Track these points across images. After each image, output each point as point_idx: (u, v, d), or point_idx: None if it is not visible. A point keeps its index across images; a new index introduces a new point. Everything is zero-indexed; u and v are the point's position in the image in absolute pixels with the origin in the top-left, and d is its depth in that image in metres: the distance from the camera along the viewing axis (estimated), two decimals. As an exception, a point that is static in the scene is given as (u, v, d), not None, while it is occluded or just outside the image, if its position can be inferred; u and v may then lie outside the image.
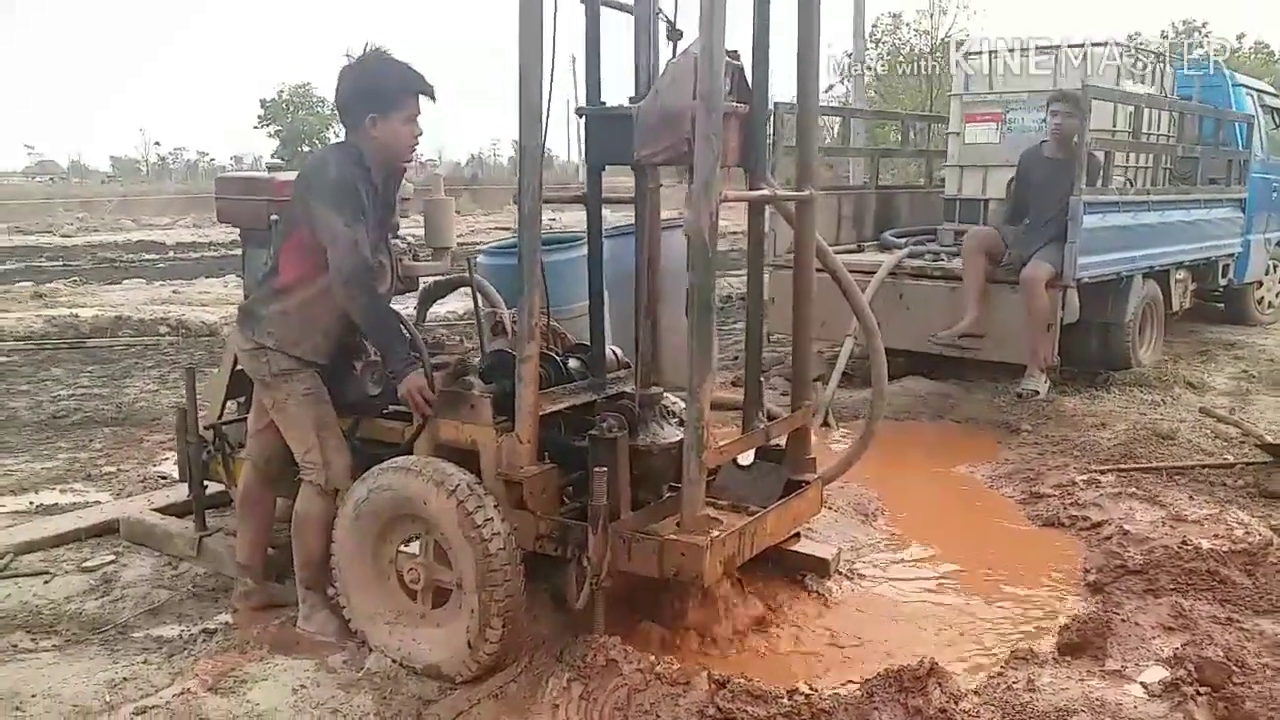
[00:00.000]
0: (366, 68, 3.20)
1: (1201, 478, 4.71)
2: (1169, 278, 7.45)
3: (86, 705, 2.90)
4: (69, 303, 11.15)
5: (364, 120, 3.13)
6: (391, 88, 3.15)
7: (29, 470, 5.31)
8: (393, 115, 3.14)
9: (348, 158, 3.16)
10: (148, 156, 57.64)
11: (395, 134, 3.17)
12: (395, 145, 3.20)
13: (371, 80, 3.16)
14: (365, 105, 3.13)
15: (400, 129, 3.17)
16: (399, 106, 3.15)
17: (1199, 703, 2.62)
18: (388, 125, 3.14)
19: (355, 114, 3.16)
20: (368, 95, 3.14)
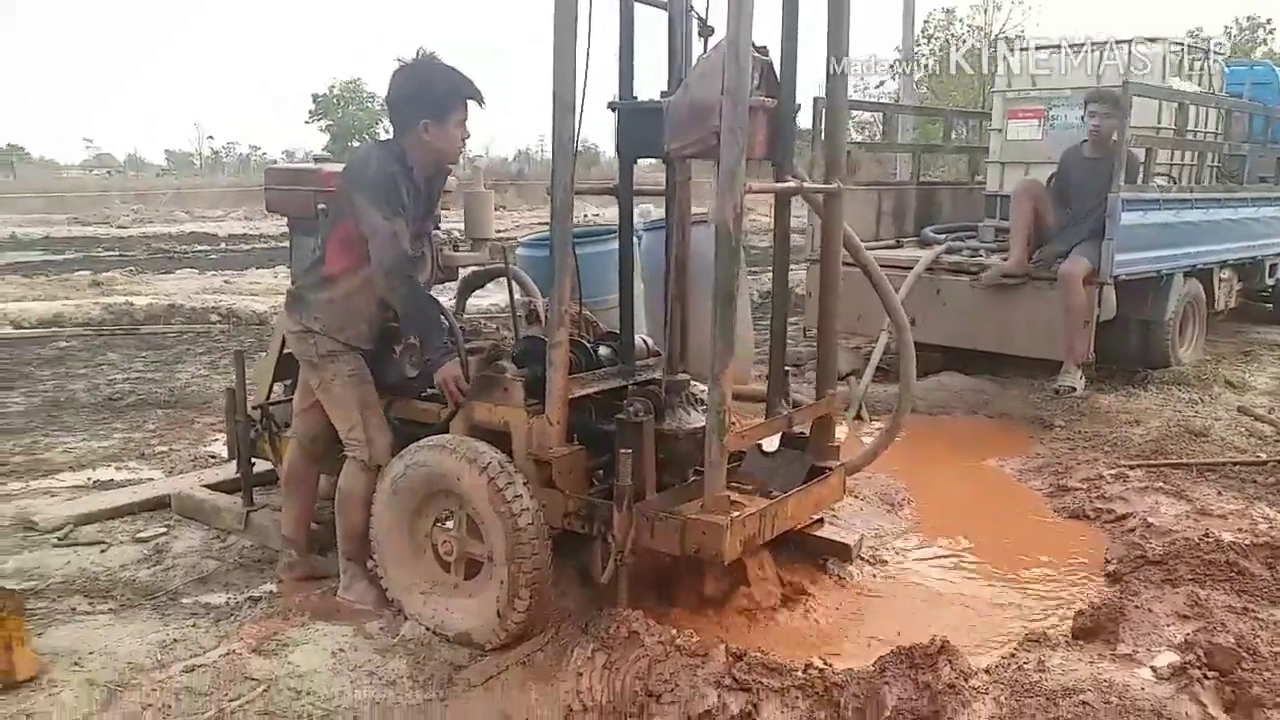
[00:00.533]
0: (419, 74, 3.36)
1: (1232, 474, 4.71)
2: (1212, 276, 7.39)
3: (139, 663, 3.07)
4: (125, 291, 11.52)
5: (417, 124, 3.27)
6: (444, 94, 3.28)
7: (87, 449, 5.55)
8: (446, 121, 3.28)
9: (389, 155, 3.31)
10: (201, 150, 58.83)
11: (447, 138, 3.31)
12: (446, 149, 3.36)
13: (425, 86, 3.30)
14: (419, 111, 3.27)
15: (452, 133, 3.31)
16: (451, 112, 3.29)
17: (1206, 686, 2.66)
18: (441, 130, 3.29)
19: (407, 117, 3.29)
20: (421, 101, 3.28)
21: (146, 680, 2.97)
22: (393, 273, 3.21)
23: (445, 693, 2.92)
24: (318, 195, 3.90)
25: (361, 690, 2.92)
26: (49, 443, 5.67)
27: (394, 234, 3.19)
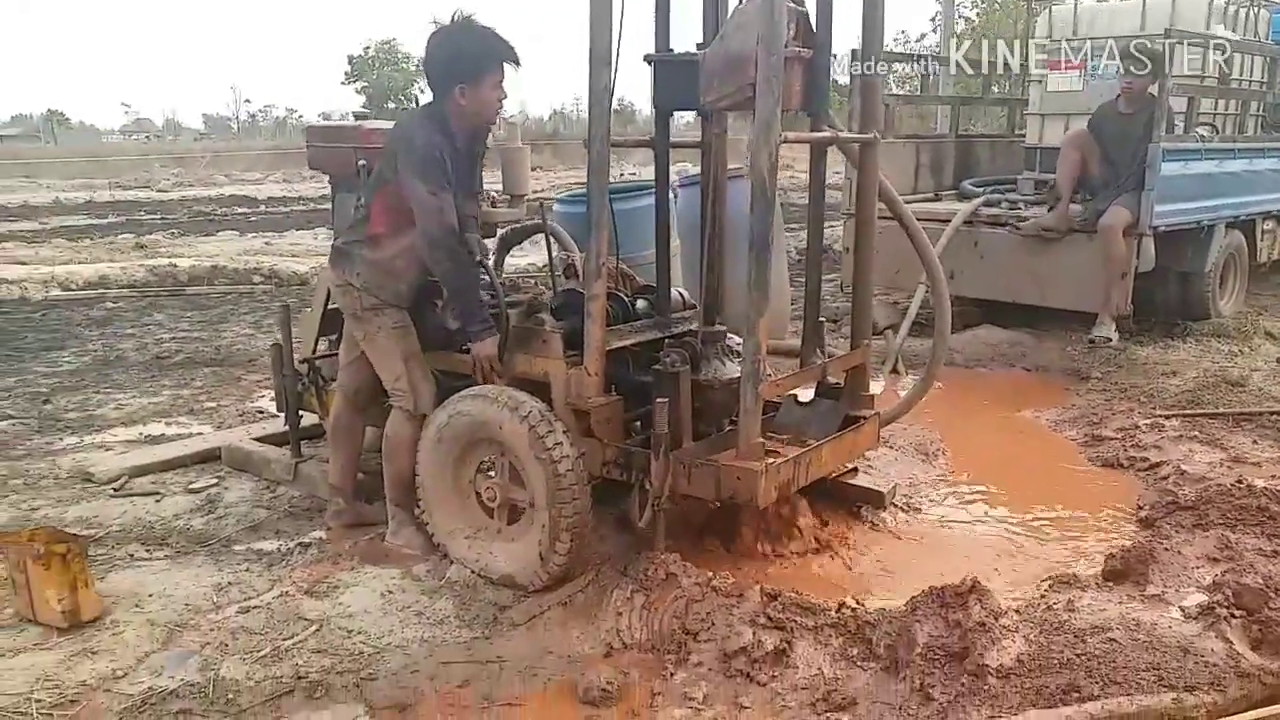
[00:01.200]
0: (454, 38, 3.36)
1: (1269, 424, 4.71)
2: (1255, 228, 7.31)
3: (197, 605, 3.23)
4: (168, 253, 11.72)
5: (453, 89, 3.31)
6: (479, 57, 3.31)
7: (137, 405, 5.72)
8: (481, 84, 3.31)
9: (433, 125, 3.34)
10: (238, 114, 59.27)
11: (483, 101, 3.35)
12: (483, 111, 3.39)
13: (460, 50, 3.33)
14: (454, 75, 3.30)
15: (487, 95, 3.34)
16: (486, 75, 3.32)
17: (1233, 625, 2.70)
18: (476, 94, 3.32)
19: (444, 83, 3.34)
20: (456, 65, 3.31)
21: (204, 620, 3.12)
22: (438, 245, 3.27)
23: (490, 631, 3.04)
24: (358, 152, 3.97)
25: (410, 629, 3.05)
26: (101, 399, 5.85)
27: (440, 209, 3.24)
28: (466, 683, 2.79)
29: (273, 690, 2.75)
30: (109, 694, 2.74)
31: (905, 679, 2.62)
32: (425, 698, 2.73)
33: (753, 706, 2.60)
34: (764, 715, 2.57)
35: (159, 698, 2.72)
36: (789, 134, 2.98)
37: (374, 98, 43.89)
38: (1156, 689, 2.43)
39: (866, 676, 2.68)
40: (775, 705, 2.60)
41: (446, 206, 3.26)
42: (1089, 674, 2.51)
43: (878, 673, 2.69)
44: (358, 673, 2.83)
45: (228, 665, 2.86)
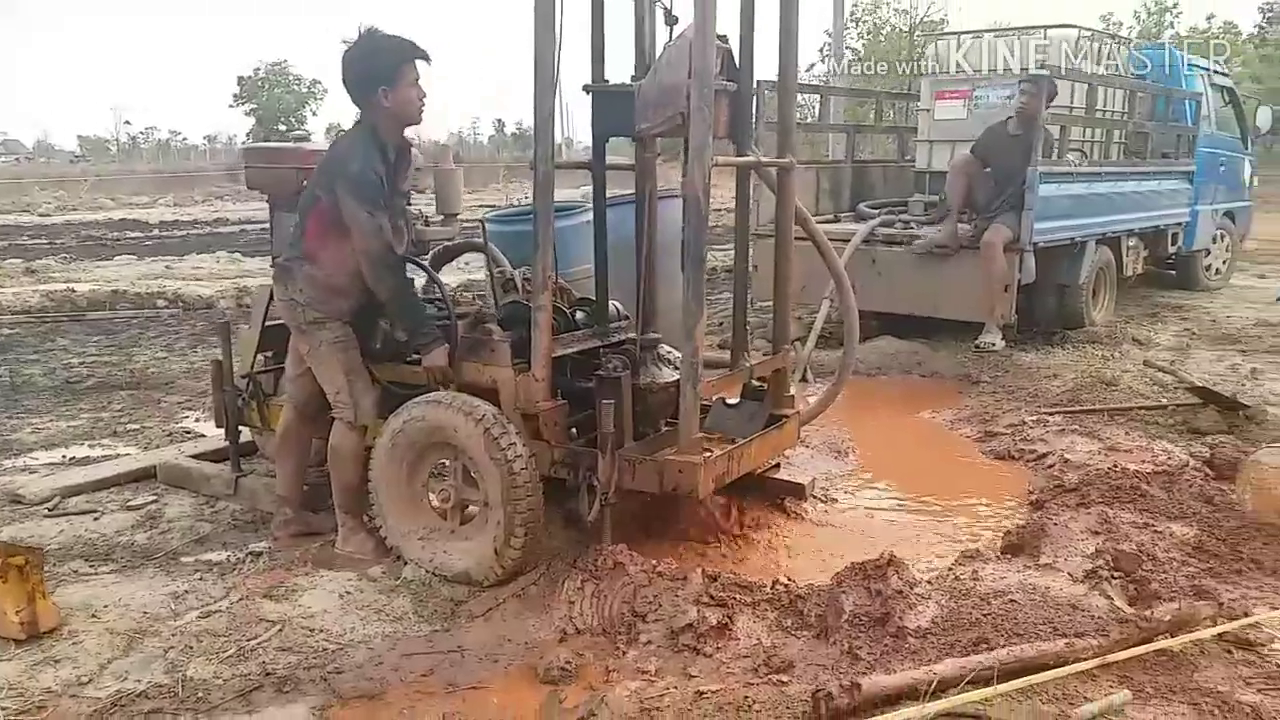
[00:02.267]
0: (366, 47, 3.54)
1: (1138, 418, 5.24)
2: (1121, 244, 7.98)
3: (155, 612, 3.30)
4: (63, 278, 11.42)
5: (376, 94, 3.49)
6: (393, 60, 3.50)
7: (56, 428, 5.67)
8: (399, 82, 3.50)
9: (366, 143, 3.51)
10: (118, 135, 57.17)
11: (405, 99, 3.53)
12: (407, 110, 3.56)
13: (373, 55, 3.52)
14: (374, 79, 3.48)
15: (408, 93, 3.53)
16: (403, 75, 3.50)
17: (1113, 585, 3.11)
18: (397, 93, 3.50)
19: (365, 90, 3.51)
20: (373, 70, 3.49)
21: (164, 627, 3.19)
22: (378, 264, 3.44)
23: (450, 624, 3.22)
24: (299, 174, 4.11)
25: (371, 626, 3.20)
26: (15, 424, 5.76)
27: (379, 228, 3.41)
28: (431, 671, 2.95)
29: (242, 686, 2.85)
30: (76, 699, 2.79)
31: (835, 643, 2.91)
32: (392, 686, 2.88)
33: (701, 675, 2.84)
34: (711, 682, 2.80)
35: (128, 699, 2.78)
36: (719, 159, 3.28)
37: (264, 119, 42.99)
38: (1052, 637, 2.78)
39: (801, 643, 2.97)
40: (721, 673, 2.85)
41: (385, 226, 3.44)
42: (995, 629, 2.85)
43: (810, 639, 2.98)
44: (324, 667, 2.96)
45: (194, 666, 2.94)
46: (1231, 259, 10.63)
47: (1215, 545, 3.52)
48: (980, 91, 7.87)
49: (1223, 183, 10.04)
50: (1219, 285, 10.29)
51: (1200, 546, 3.52)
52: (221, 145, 52.38)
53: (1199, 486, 4.04)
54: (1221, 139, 10.00)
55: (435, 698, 2.84)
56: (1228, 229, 10.42)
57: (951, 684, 2.55)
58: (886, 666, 2.74)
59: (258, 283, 10.07)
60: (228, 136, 52.79)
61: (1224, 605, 3.06)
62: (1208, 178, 9.52)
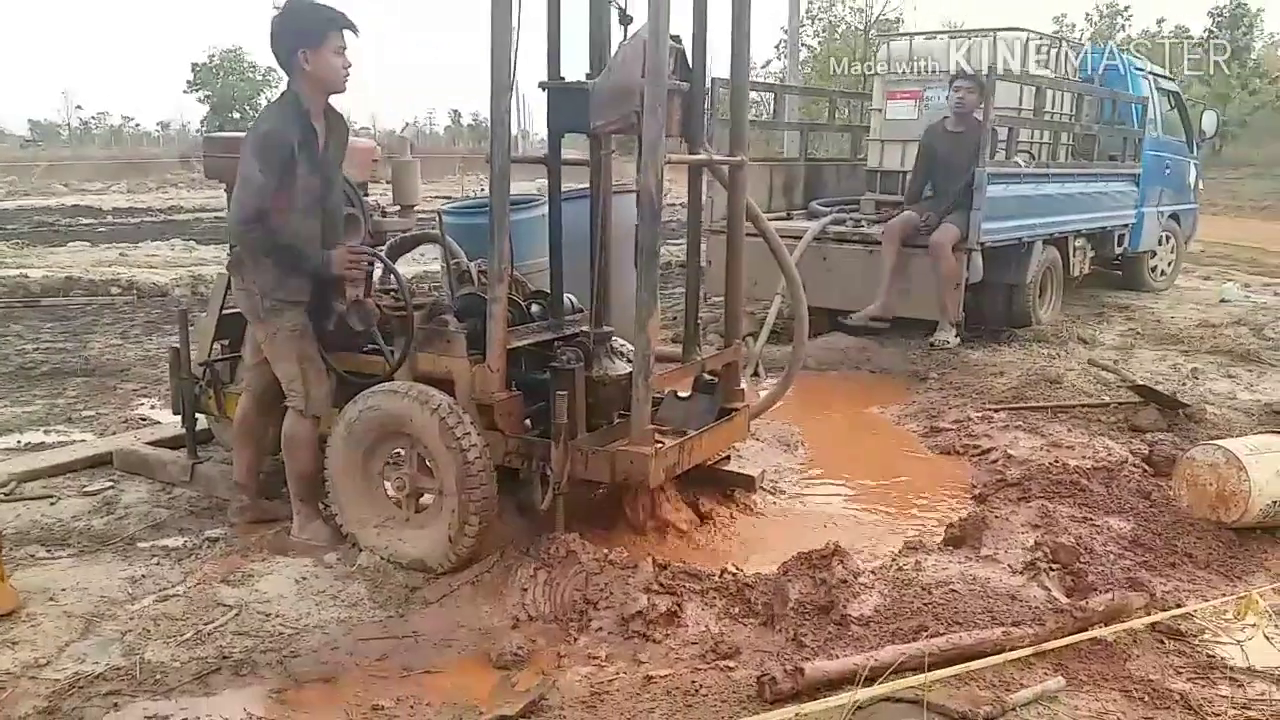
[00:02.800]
0: (292, 11, 3.58)
1: (1081, 415, 5.40)
2: (1068, 245, 8.17)
3: (112, 596, 3.34)
4: (15, 264, 11.25)
5: (297, 57, 3.51)
6: (317, 24, 3.52)
7: (10, 414, 5.63)
8: (322, 48, 3.50)
9: (286, 112, 3.54)
10: (70, 120, 55.98)
11: (327, 65, 3.53)
12: (329, 75, 3.57)
13: (298, 21, 3.54)
14: (296, 43, 3.51)
15: (331, 59, 3.54)
16: (326, 40, 3.51)
17: (1051, 576, 3.24)
18: (319, 58, 3.51)
19: (288, 54, 3.53)
20: (297, 34, 3.51)
21: (122, 610, 3.24)
22: (248, 221, 3.43)
23: (404, 610, 3.28)
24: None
25: (327, 611, 3.26)
26: (-33, 410, 5.73)
27: (260, 188, 3.39)
28: (385, 656, 3.01)
29: (199, 669, 2.90)
30: (34, 680, 2.83)
31: (781, 630, 3.01)
32: (347, 670, 2.93)
33: (650, 661, 2.92)
34: (660, 668, 2.89)
35: (87, 681, 2.82)
36: (672, 156, 3.37)
37: (218, 107, 42.32)
38: (990, 626, 2.90)
39: (748, 630, 3.06)
40: (670, 659, 2.93)
41: (266, 190, 3.40)
42: (935, 618, 2.97)
43: (757, 626, 3.07)
44: (280, 651, 3.01)
45: (152, 649, 2.99)
46: (1177, 261, 10.89)
47: (1151, 539, 3.67)
48: (931, 92, 8.01)
49: (1168, 185, 10.28)
50: (1164, 286, 10.54)
51: (1136, 540, 3.66)
52: (175, 132, 51.47)
53: (1137, 482, 4.19)
54: (1168, 142, 10.23)
55: (390, 681, 2.89)
56: (1173, 231, 10.67)
57: (891, 669, 2.66)
58: (830, 653, 2.84)
59: (212, 271, 10.02)
60: (182, 123, 51.87)
61: (1157, 597, 3.21)
62: (1154, 180, 9.75)
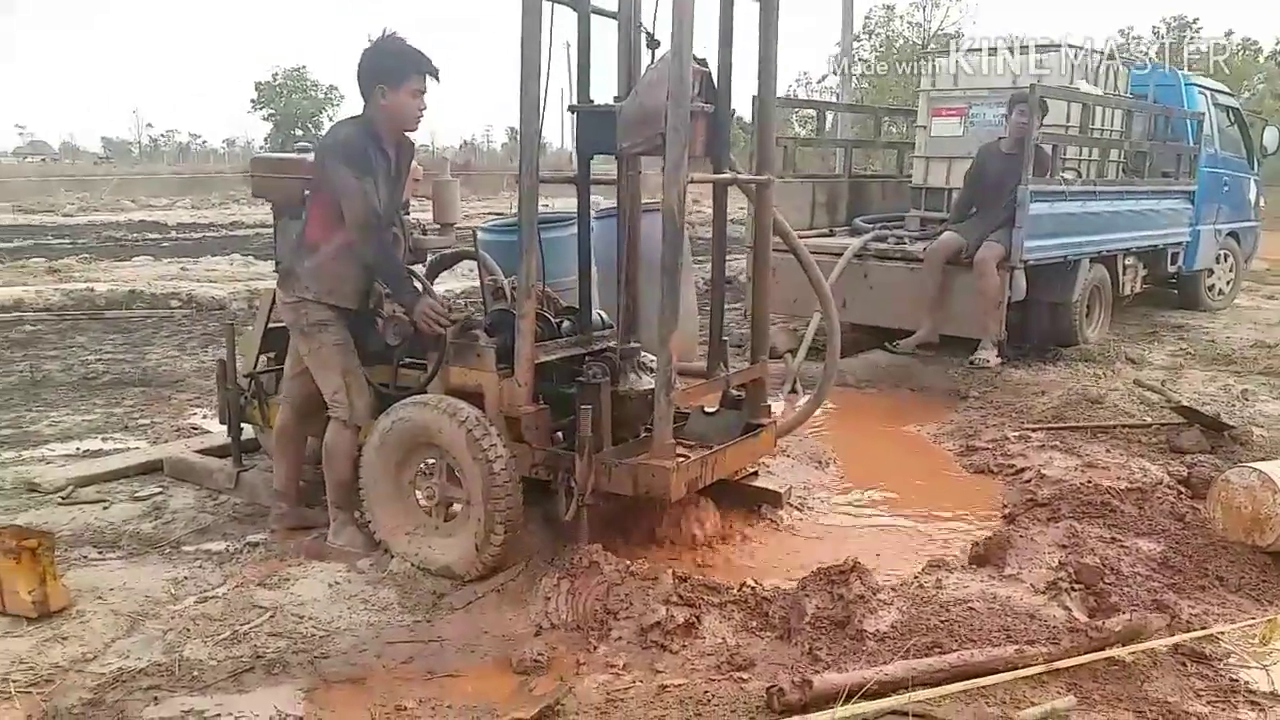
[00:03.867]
0: (381, 47, 3.75)
1: (1121, 435, 5.34)
2: (1117, 263, 8.05)
3: (156, 596, 3.49)
4: (83, 277, 11.67)
5: (375, 91, 3.69)
6: (400, 65, 3.69)
7: (71, 422, 5.88)
8: (400, 89, 3.68)
9: (358, 125, 3.73)
10: (140, 138, 57.85)
11: (402, 104, 3.71)
12: (401, 115, 3.75)
13: (384, 58, 3.71)
14: (376, 78, 3.68)
15: (406, 101, 3.71)
16: (405, 81, 3.68)
17: (1073, 596, 3.23)
18: (396, 97, 3.69)
19: (368, 85, 3.71)
20: (379, 70, 3.69)
21: (164, 610, 3.38)
22: (365, 225, 3.61)
23: (431, 615, 3.37)
24: (303, 183, 4.29)
25: (357, 615, 3.37)
26: (34, 417, 5.97)
27: (364, 192, 3.59)
28: (411, 659, 3.11)
29: (234, 668, 3.02)
30: (81, 674, 2.97)
31: (796, 644, 3.05)
32: (375, 672, 3.04)
33: (666, 670, 2.97)
34: (675, 677, 2.94)
35: (129, 676, 2.95)
36: (695, 175, 3.44)
37: (282, 124, 43.45)
38: (1004, 644, 2.91)
39: (764, 643, 3.10)
40: (686, 669, 2.98)
41: (370, 191, 3.60)
42: (950, 635, 2.98)
43: (773, 640, 3.11)
44: (311, 652, 3.12)
45: (190, 647, 3.11)
46: (1236, 279, 10.67)
47: (1181, 561, 3.63)
48: (976, 109, 7.99)
49: (1227, 203, 10.08)
50: (1222, 306, 10.33)
51: (1166, 562, 3.62)
52: (240, 149, 52.97)
53: (1171, 504, 4.14)
54: (1226, 159, 10.04)
55: (415, 683, 2.98)
56: (1232, 249, 10.46)
57: (901, 684, 2.68)
58: (843, 667, 2.87)
59: (268, 285, 10.29)
60: (246, 140, 53.35)
61: (1182, 619, 3.17)
62: (1210, 198, 9.58)
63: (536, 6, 3.40)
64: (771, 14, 3.78)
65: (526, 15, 3.42)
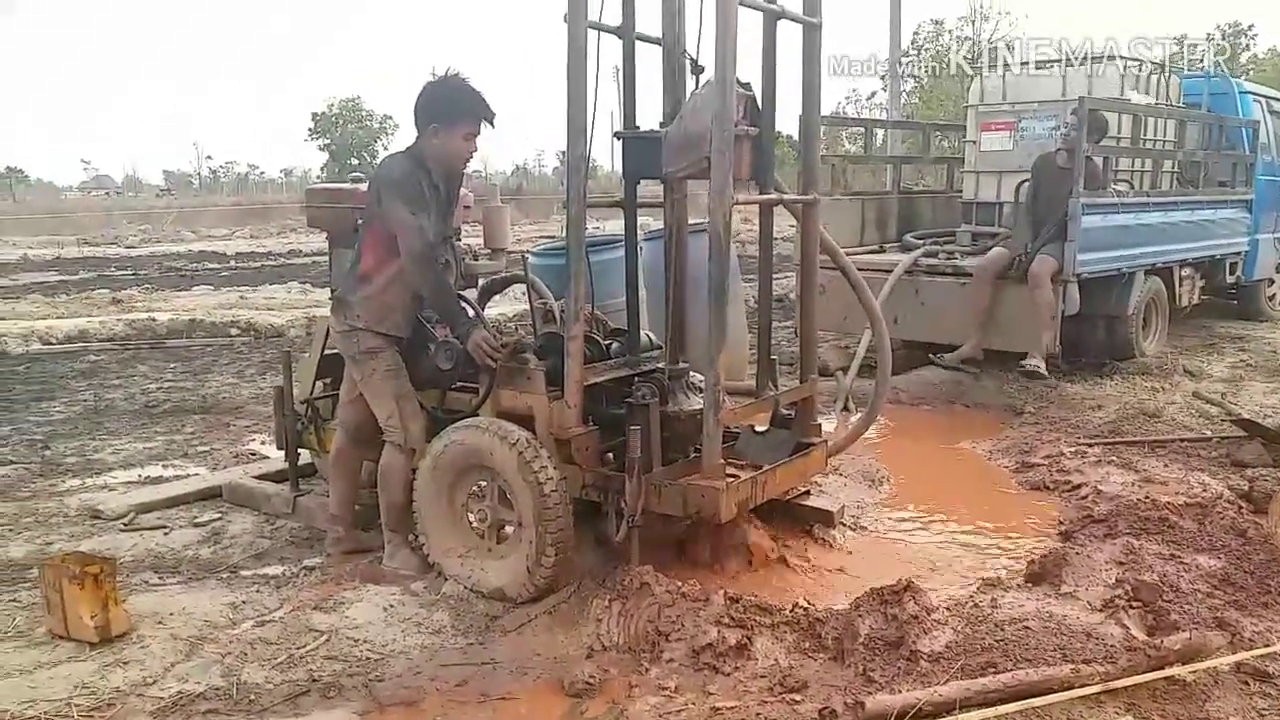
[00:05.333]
0: (441, 85, 3.83)
1: (1179, 449, 5.23)
2: (1173, 274, 7.92)
3: (215, 621, 3.55)
4: (145, 308, 11.99)
5: (429, 129, 3.76)
6: (456, 108, 3.77)
7: (133, 449, 6.03)
8: (454, 130, 3.76)
9: (410, 159, 3.80)
10: (200, 170, 59.36)
11: (453, 145, 3.79)
12: (451, 155, 3.83)
13: (441, 98, 3.79)
14: (431, 116, 3.76)
15: (458, 143, 3.80)
16: (459, 124, 3.77)
17: (1130, 614, 3.15)
18: (448, 137, 3.77)
19: (423, 121, 3.79)
20: (435, 110, 3.76)
21: (223, 634, 3.44)
22: (419, 259, 3.68)
23: (484, 638, 3.40)
24: (355, 212, 4.38)
25: (411, 638, 3.40)
26: (97, 445, 6.13)
27: (419, 227, 3.67)
28: (465, 682, 3.13)
29: (290, 691, 3.07)
30: (141, 698, 3.03)
31: (850, 665, 3.01)
32: (428, 695, 3.07)
33: (718, 693, 2.96)
34: (728, 699, 2.93)
35: (188, 700, 3.01)
36: (740, 196, 3.45)
37: (337, 155, 44.34)
38: (1060, 663, 2.86)
39: (817, 665, 3.07)
40: (738, 691, 2.96)
41: (425, 226, 3.68)
42: (1005, 654, 2.93)
43: (826, 661, 3.08)
44: (366, 675, 3.16)
45: (248, 671, 3.17)
46: (1297, 288, 10.41)
47: (1242, 578, 3.53)
48: (1025, 123, 7.92)
49: (1286, 211, 9.87)
50: (1283, 315, 10.09)
51: (1227, 579, 3.52)
52: (297, 179, 54.12)
53: (1231, 519, 4.03)
54: (1286, 167, 9.83)
55: (468, 706, 3.01)
56: (1292, 258, 10.22)
57: (955, 705, 2.65)
58: (896, 688, 2.84)
59: (324, 313, 10.47)
60: (303, 170, 54.54)
61: (1242, 637, 3.09)
62: (1269, 206, 9.38)
63: (581, 33, 3.45)
64: (814, 36, 3.79)
65: (572, 42, 3.47)
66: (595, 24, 3.59)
